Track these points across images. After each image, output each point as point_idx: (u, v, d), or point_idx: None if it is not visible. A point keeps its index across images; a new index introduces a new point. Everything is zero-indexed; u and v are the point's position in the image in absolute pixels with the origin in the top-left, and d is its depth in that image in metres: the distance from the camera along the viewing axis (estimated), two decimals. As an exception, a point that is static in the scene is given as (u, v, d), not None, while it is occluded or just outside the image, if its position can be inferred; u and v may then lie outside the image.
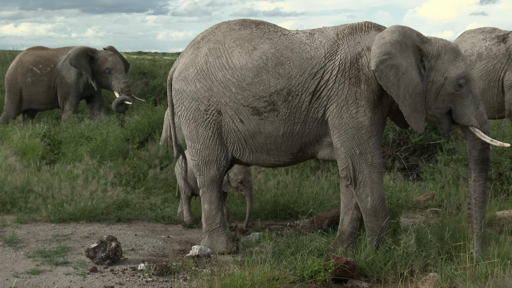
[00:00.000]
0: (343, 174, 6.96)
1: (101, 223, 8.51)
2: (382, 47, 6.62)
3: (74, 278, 6.33)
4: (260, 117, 6.93)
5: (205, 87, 7.08)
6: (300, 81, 6.82)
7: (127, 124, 12.66)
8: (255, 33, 7.11)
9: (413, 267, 6.47)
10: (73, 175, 9.76)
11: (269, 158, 7.21)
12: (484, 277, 6.05)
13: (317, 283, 6.34)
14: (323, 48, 6.89)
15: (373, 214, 6.93)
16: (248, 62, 6.92)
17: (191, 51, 7.34)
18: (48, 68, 14.88)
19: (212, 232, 7.40)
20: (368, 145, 6.83)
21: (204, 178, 7.36)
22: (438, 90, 6.80)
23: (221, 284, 5.85)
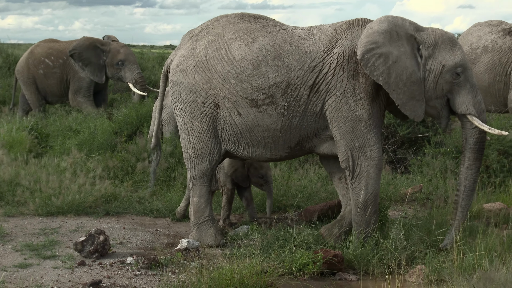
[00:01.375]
0: (343, 166, 7.01)
1: (89, 216, 8.49)
2: (369, 37, 6.68)
3: (62, 272, 6.32)
4: (258, 109, 6.94)
5: (203, 79, 7.09)
6: (299, 74, 6.85)
7: (115, 117, 12.61)
8: (254, 27, 7.14)
9: (400, 260, 6.50)
10: (61, 168, 9.72)
11: (265, 152, 7.23)
12: (471, 269, 6.10)
13: (306, 276, 6.37)
14: (322, 43, 6.94)
15: (363, 208, 6.98)
16: (247, 54, 6.95)
17: (189, 43, 7.34)
18: (60, 60, 14.68)
19: (200, 225, 7.40)
20: (366, 139, 6.89)
21: (195, 171, 7.36)
22: (436, 78, 6.85)
23: (210, 277, 5.85)
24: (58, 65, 14.63)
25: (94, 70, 14.29)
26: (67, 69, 14.59)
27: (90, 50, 14.34)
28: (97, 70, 14.34)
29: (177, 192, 9.28)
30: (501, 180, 9.35)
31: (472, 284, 5.52)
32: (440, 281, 6.11)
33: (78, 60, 14.19)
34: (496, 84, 11.57)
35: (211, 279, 5.83)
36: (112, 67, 14.39)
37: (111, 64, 14.37)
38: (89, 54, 14.28)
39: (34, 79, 14.66)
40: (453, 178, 9.36)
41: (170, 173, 9.90)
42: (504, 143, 9.81)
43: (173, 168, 9.96)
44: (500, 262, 6.00)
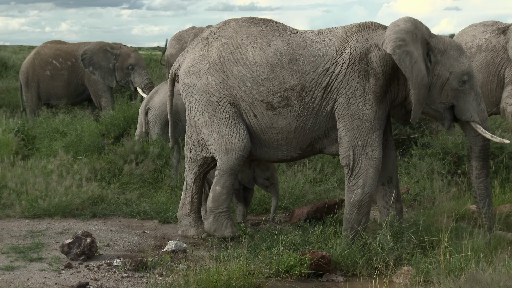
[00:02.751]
0: (343, 162, 7.08)
1: (76, 218, 8.46)
2: (398, 33, 6.81)
3: (48, 274, 6.29)
4: (273, 112, 7.03)
5: (217, 80, 7.14)
6: (314, 77, 6.95)
7: (102, 119, 12.58)
8: (266, 31, 7.23)
9: (387, 261, 6.52)
10: (48, 170, 9.68)
11: (277, 153, 7.31)
12: (458, 270, 6.12)
13: (293, 278, 6.37)
14: (334, 46, 7.05)
15: (357, 207, 7.05)
16: (262, 58, 7.03)
17: (199, 46, 7.38)
18: (68, 62, 14.57)
19: (218, 214, 7.37)
20: (370, 138, 6.98)
21: (222, 164, 7.31)
22: (442, 84, 7.02)
23: (197, 279, 5.85)
24: (66, 67, 14.53)
25: (104, 74, 14.24)
26: (76, 72, 14.49)
27: (101, 54, 14.29)
28: (107, 74, 14.28)
29: (164, 194, 9.26)
30: (487, 181, 9.38)
31: (458, 285, 5.54)
32: (427, 282, 6.13)
33: (88, 64, 14.13)
34: (489, 84, 11.65)
35: (198, 281, 5.83)
36: (121, 71, 14.34)
37: (121, 68, 14.33)
38: (99, 58, 14.24)
39: (38, 82, 14.54)
40: (440, 179, 9.40)
41: (158, 175, 9.87)
42: (491, 144, 9.84)
43: (161, 170, 9.94)
44: (487, 263, 6.03)
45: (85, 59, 14.12)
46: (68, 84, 14.56)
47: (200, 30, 17.13)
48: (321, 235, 7.14)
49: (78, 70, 14.52)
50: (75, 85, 14.63)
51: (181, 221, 7.85)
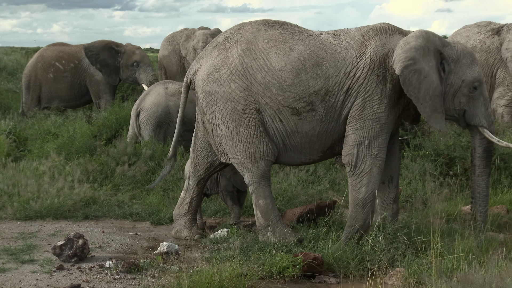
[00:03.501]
0: (345, 160, 7.14)
1: (68, 220, 8.44)
2: (407, 52, 6.90)
3: (40, 276, 6.28)
4: (299, 117, 7.06)
5: (241, 87, 7.11)
6: (336, 81, 7.00)
7: (94, 121, 12.56)
8: (285, 34, 7.25)
9: (380, 262, 6.53)
10: (39, 172, 9.66)
11: (300, 156, 7.34)
12: (450, 271, 6.14)
13: (285, 279, 6.37)
14: (353, 49, 7.10)
15: (362, 206, 7.12)
16: (287, 64, 7.04)
17: (215, 52, 7.34)
18: (71, 64, 14.51)
19: (274, 226, 7.33)
20: (377, 139, 7.06)
21: (253, 175, 7.30)
22: (455, 92, 7.19)
23: (190, 281, 5.85)
24: (69, 69, 14.47)
25: (110, 71, 14.21)
26: (79, 73, 14.44)
27: (106, 51, 14.26)
28: (112, 71, 14.25)
29: (156, 195, 9.25)
30: (479, 182, 9.40)
31: (450, 286, 5.56)
32: (420, 283, 6.14)
33: (95, 61, 14.07)
34: None
35: (190, 283, 5.83)
36: (127, 68, 14.31)
37: (126, 65, 14.30)
38: (105, 55, 14.20)
39: (40, 85, 14.46)
40: (432, 180, 9.42)
41: (150, 177, 9.86)
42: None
43: (153, 172, 9.93)
44: (478, 264, 6.05)
45: (91, 56, 14.07)
46: (72, 86, 14.51)
47: (192, 32, 17.12)
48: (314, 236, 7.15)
49: (81, 71, 14.47)
50: (78, 87, 14.58)
51: (176, 220, 7.86)
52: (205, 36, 16.42)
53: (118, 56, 14.39)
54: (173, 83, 11.30)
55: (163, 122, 10.77)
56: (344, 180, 10.09)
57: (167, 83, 11.30)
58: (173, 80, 12.92)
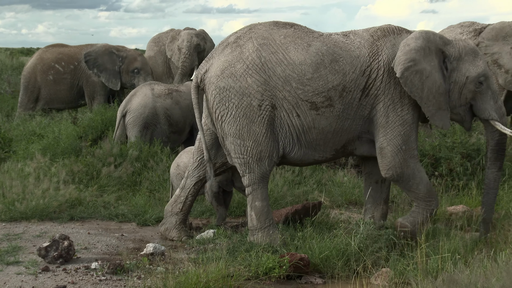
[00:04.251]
0: (388, 174, 7.23)
1: (54, 221, 8.40)
2: (407, 54, 7.00)
3: (25, 278, 6.25)
4: (317, 112, 7.08)
5: (258, 81, 7.09)
6: (353, 78, 7.07)
7: (79, 122, 12.51)
8: (298, 32, 7.30)
9: (366, 263, 6.55)
10: (25, 173, 9.61)
11: (314, 154, 7.35)
12: (436, 271, 6.17)
13: (272, 280, 6.38)
14: (365, 48, 7.19)
15: (428, 199, 7.31)
16: (306, 58, 7.07)
17: (228, 50, 7.30)
18: (71, 65, 14.39)
19: (266, 228, 7.33)
20: (410, 140, 7.20)
21: (254, 175, 7.29)
22: (460, 89, 7.27)
23: (176, 282, 5.84)
24: (69, 71, 14.36)
25: (109, 76, 14.10)
26: (78, 74, 14.35)
27: (106, 56, 14.16)
28: (112, 76, 14.13)
29: (142, 196, 9.24)
30: (464, 183, 9.48)
31: (436, 286, 5.59)
32: (405, 283, 6.17)
33: (92, 66, 13.98)
34: None
35: (177, 284, 5.82)
36: (127, 74, 14.23)
37: (126, 70, 14.22)
38: (104, 60, 14.11)
39: (39, 88, 14.34)
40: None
41: (136, 178, 9.84)
42: (467, 146, 9.96)
43: (139, 173, 9.91)
44: (464, 264, 6.08)
45: (89, 60, 14.00)
46: (71, 88, 14.40)
47: (178, 33, 17.09)
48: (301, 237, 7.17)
49: (80, 73, 14.38)
50: (77, 88, 14.47)
51: (168, 217, 7.85)
52: (189, 36, 16.40)
53: (118, 60, 14.31)
54: (159, 84, 11.28)
55: (150, 123, 10.75)
56: (330, 181, 10.13)
57: (153, 84, 11.28)
58: (159, 82, 12.87)
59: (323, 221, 7.85)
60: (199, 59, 16.57)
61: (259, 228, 7.32)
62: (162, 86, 11.21)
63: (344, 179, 10.18)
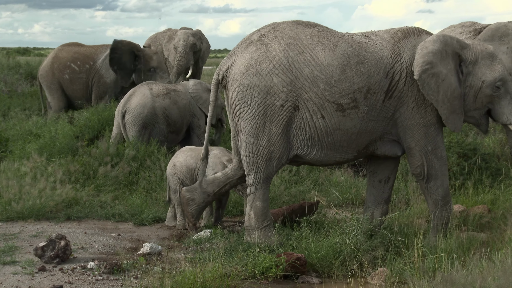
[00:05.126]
0: (416, 172, 7.32)
1: (50, 221, 8.40)
2: (425, 57, 7.04)
3: (22, 278, 6.24)
4: (343, 113, 7.09)
5: (284, 82, 7.09)
6: (377, 80, 7.09)
7: (76, 121, 12.50)
8: (323, 32, 7.30)
9: (362, 262, 6.56)
10: (21, 173, 9.60)
11: (336, 155, 7.35)
12: (432, 271, 6.17)
13: (269, 279, 6.38)
14: (387, 50, 7.21)
15: (445, 203, 7.34)
16: (333, 59, 7.08)
17: (253, 47, 7.27)
18: (86, 65, 14.33)
19: (264, 229, 7.35)
20: (436, 141, 7.25)
21: (260, 175, 7.31)
22: (476, 93, 7.28)
23: (172, 282, 5.84)
24: (84, 70, 14.30)
25: (124, 74, 14.08)
26: (92, 73, 14.30)
27: (128, 54, 14.14)
28: (126, 74, 14.13)
29: (139, 196, 9.23)
30: (460, 182, 9.49)
31: (433, 286, 5.59)
32: (402, 283, 6.17)
33: (115, 63, 13.94)
34: None
35: (173, 283, 5.82)
36: (144, 73, 14.21)
37: (143, 70, 14.20)
38: (126, 58, 14.09)
39: (60, 84, 14.29)
40: (414, 181, 9.46)
41: (133, 177, 9.84)
42: (464, 146, 9.96)
43: (136, 172, 9.90)
44: (460, 264, 6.08)
45: (113, 58, 13.94)
46: (86, 87, 14.34)
47: (174, 33, 17.08)
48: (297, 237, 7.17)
49: (94, 72, 14.33)
50: (92, 88, 14.43)
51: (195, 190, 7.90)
52: (186, 35, 16.39)
53: (136, 60, 14.30)
54: (157, 84, 11.27)
55: (149, 123, 10.74)
56: (327, 180, 10.13)
57: (151, 84, 11.27)
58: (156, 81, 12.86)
59: (319, 220, 7.85)
60: (195, 59, 16.58)
61: (256, 228, 7.33)
62: (160, 86, 11.20)
63: (341, 179, 10.18)
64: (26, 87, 18.27)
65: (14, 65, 20.71)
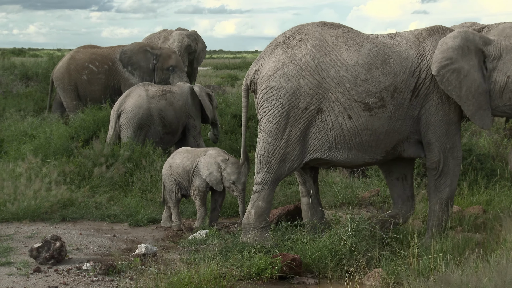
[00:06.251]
0: (432, 166, 7.37)
1: (45, 222, 8.38)
2: (444, 53, 7.09)
3: (17, 279, 6.23)
4: (370, 113, 7.11)
5: (311, 83, 7.12)
6: (403, 79, 7.13)
7: (71, 122, 12.48)
8: (348, 33, 7.34)
9: (358, 263, 6.56)
10: (16, 174, 9.58)
11: (364, 156, 7.36)
12: (427, 272, 6.18)
13: (264, 280, 6.38)
14: (412, 50, 7.25)
15: (447, 204, 7.39)
16: (359, 59, 7.11)
17: (279, 50, 7.32)
18: (105, 66, 14.25)
19: (262, 229, 7.38)
20: (455, 140, 7.33)
21: (270, 176, 7.33)
22: (501, 88, 7.27)
23: (168, 283, 5.83)
24: (103, 71, 14.22)
25: (143, 74, 14.02)
26: (113, 75, 14.23)
27: (140, 54, 14.09)
28: (146, 74, 14.07)
29: (134, 197, 9.22)
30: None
31: (428, 286, 5.59)
32: (397, 283, 6.18)
33: (127, 64, 13.91)
34: None
35: (169, 284, 5.81)
36: (161, 72, 14.16)
37: (161, 68, 14.14)
38: (139, 58, 14.04)
39: (76, 86, 14.20)
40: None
41: (128, 178, 9.83)
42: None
43: (131, 173, 9.89)
44: (455, 264, 6.09)
45: (124, 59, 13.92)
46: (105, 88, 14.26)
47: (170, 33, 17.07)
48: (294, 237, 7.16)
49: (115, 74, 14.25)
50: (112, 89, 14.34)
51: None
52: (181, 36, 16.36)
53: (153, 59, 14.25)
54: (152, 85, 11.26)
55: (144, 124, 10.73)
56: (323, 181, 10.13)
57: (146, 85, 11.26)
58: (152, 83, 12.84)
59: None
60: (190, 60, 16.56)
61: (254, 227, 7.35)
62: (155, 87, 11.20)
63: (336, 180, 10.18)
64: (21, 88, 18.22)
65: (9, 66, 20.64)
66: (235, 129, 12.85)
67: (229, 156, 8.28)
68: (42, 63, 19.76)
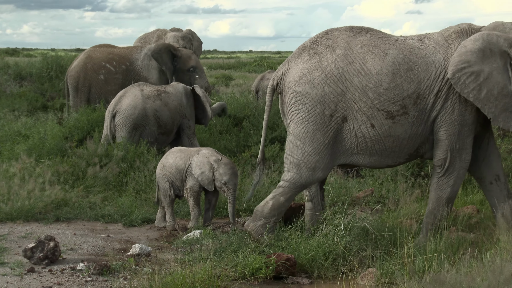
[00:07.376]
0: (438, 163, 7.36)
1: (39, 222, 8.37)
2: (462, 56, 7.10)
3: (11, 279, 6.22)
4: (393, 120, 7.15)
5: (335, 92, 7.15)
6: (428, 85, 7.15)
7: (65, 122, 12.46)
8: (374, 39, 7.34)
9: (352, 263, 6.56)
10: (10, 174, 9.56)
11: (387, 160, 7.42)
12: (422, 271, 6.19)
13: (258, 280, 6.38)
14: (439, 53, 7.25)
15: (446, 204, 7.39)
16: (383, 68, 7.13)
17: (306, 56, 7.37)
18: (123, 65, 14.18)
19: (269, 223, 7.40)
20: (465, 142, 7.31)
21: (300, 180, 7.34)
22: None
23: (162, 283, 5.83)
24: (121, 71, 14.14)
25: (171, 73, 14.06)
26: (130, 75, 14.17)
27: (167, 54, 14.10)
28: (171, 74, 14.11)
29: (129, 197, 9.21)
30: (450, 183, 9.49)
31: (422, 286, 5.60)
32: (392, 283, 6.19)
33: (162, 63, 13.90)
34: None
35: (163, 284, 5.81)
36: (183, 73, 14.17)
37: (182, 69, 14.16)
38: (167, 57, 14.05)
39: (90, 86, 14.08)
40: (404, 181, 9.49)
41: (122, 178, 9.81)
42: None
43: (125, 173, 9.88)
44: (450, 264, 6.11)
45: (158, 58, 13.90)
46: (122, 88, 14.19)
47: (164, 33, 17.06)
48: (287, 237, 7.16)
49: (133, 74, 14.20)
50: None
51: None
52: (175, 39, 16.35)
53: (174, 60, 14.27)
54: (147, 86, 11.24)
55: (139, 125, 10.72)
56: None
57: (141, 85, 11.24)
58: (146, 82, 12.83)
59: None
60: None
61: (265, 217, 7.39)
62: (150, 87, 11.18)
63: (330, 179, 10.19)
64: (15, 88, 18.21)
65: (3, 66, 20.64)
66: (229, 129, 12.85)
67: (222, 156, 8.27)
68: (36, 63, 19.77)
